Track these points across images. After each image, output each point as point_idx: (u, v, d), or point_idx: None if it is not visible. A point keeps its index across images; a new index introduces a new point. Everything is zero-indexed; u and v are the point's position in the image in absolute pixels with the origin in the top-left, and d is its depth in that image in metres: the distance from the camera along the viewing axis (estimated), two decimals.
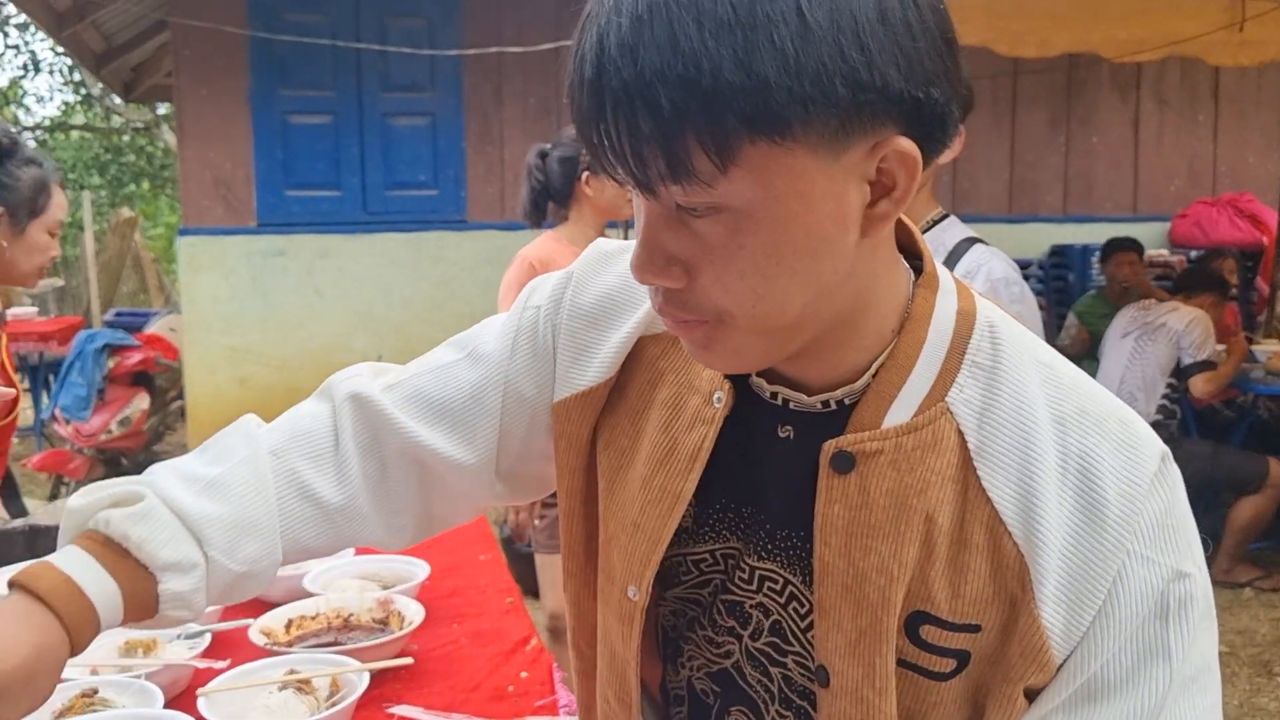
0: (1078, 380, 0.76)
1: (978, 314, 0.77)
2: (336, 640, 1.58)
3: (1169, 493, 0.73)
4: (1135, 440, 0.74)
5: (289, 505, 0.89)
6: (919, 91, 0.65)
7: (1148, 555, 0.71)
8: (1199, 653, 0.72)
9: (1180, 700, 0.71)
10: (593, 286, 0.91)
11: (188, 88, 6.03)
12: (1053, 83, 7.11)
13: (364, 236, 6.26)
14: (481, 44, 5.91)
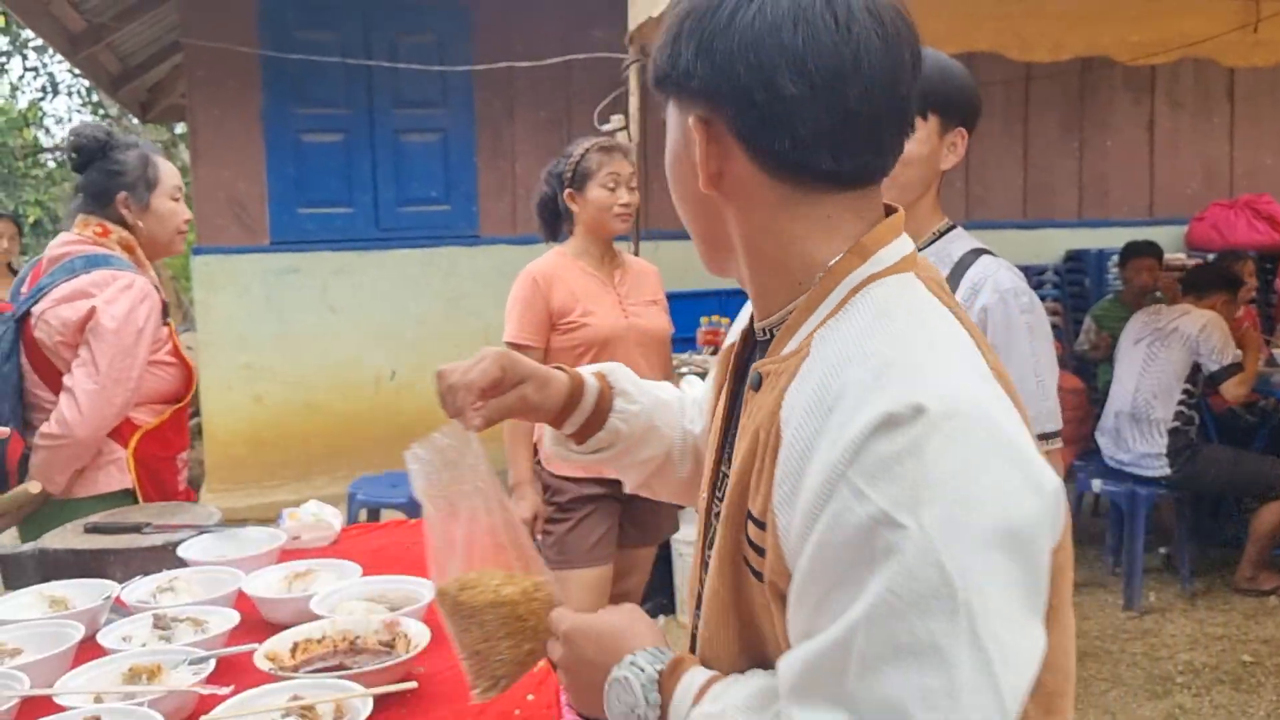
0: (902, 331, 0.83)
1: (885, 278, 0.88)
2: (342, 664, 1.57)
3: (916, 443, 0.75)
4: (897, 383, 0.78)
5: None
6: (725, 85, 0.86)
7: (861, 489, 0.75)
8: (915, 621, 0.72)
9: (885, 662, 0.73)
10: None
11: (201, 108, 6.08)
12: (1065, 86, 7.07)
13: (377, 253, 6.28)
14: (492, 59, 5.93)
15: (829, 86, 0.84)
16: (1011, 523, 0.75)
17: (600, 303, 2.91)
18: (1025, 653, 0.77)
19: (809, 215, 0.90)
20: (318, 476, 6.10)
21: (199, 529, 2.17)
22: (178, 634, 1.66)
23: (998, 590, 0.74)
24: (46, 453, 2.33)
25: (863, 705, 0.74)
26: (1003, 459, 0.77)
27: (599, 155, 2.91)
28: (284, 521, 2.32)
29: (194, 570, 1.96)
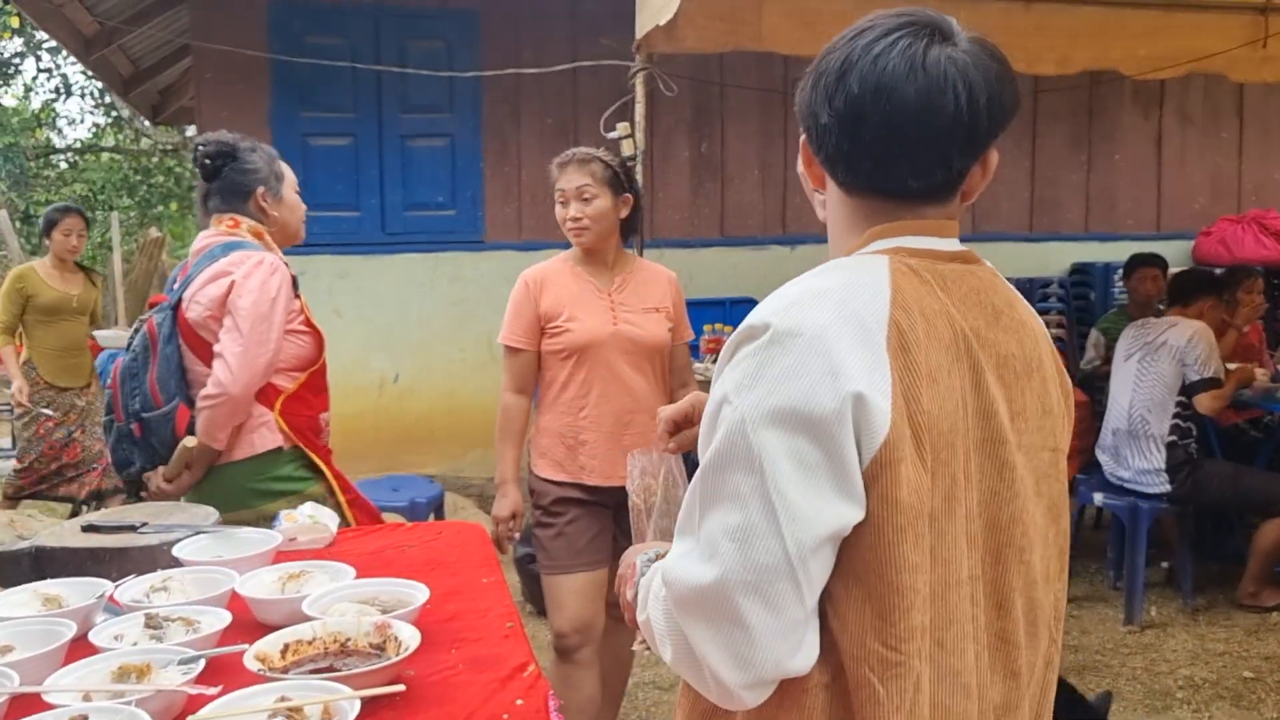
0: (809, 280, 1.10)
1: (857, 255, 1.16)
2: (332, 666, 1.57)
3: (757, 349, 1.05)
4: (767, 308, 1.07)
5: None
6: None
7: (723, 374, 1.08)
8: (727, 475, 1.03)
9: (709, 504, 1.04)
10: None
11: (209, 110, 6.10)
12: (1074, 100, 7.07)
13: (383, 257, 6.29)
14: (499, 66, 5.94)
15: (849, 121, 1.11)
16: (812, 414, 1.00)
17: (588, 309, 2.87)
18: (815, 515, 1.01)
19: (854, 213, 1.19)
20: None
21: (195, 529, 2.18)
22: (169, 633, 1.66)
23: (789, 461, 1.00)
24: (208, 412, 2.60)
25: (700, 535, 1.05)
26: (818, 370, 1.01)
27: (555, 171, 2.90)
28: (280, 523, 2.32)
29: (188, 570, 1.97)
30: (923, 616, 1.05)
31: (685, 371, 3.08)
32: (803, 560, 1.01)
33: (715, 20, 4.41)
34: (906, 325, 1.07)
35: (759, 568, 1.00)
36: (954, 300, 1.13)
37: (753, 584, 1.00)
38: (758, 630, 1.01)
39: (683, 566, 1.05)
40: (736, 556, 1.00)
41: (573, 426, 2.87)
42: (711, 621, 1.02)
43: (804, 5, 4.54)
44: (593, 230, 2.84)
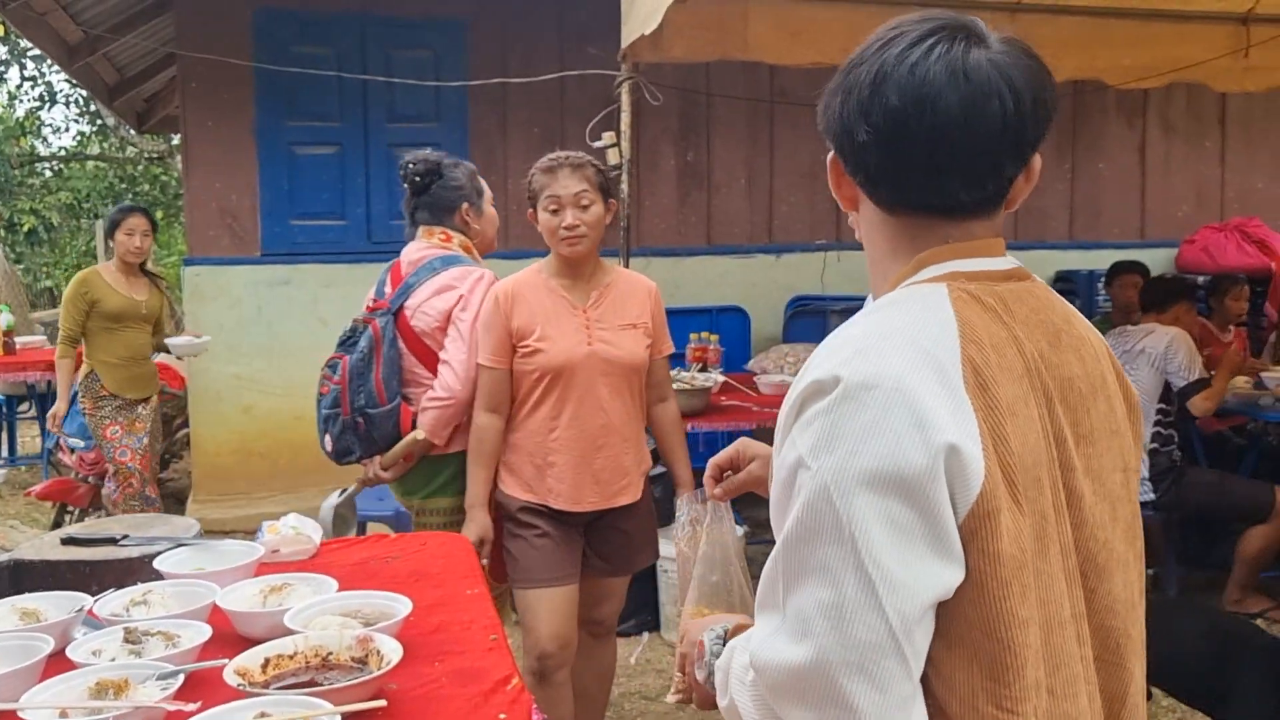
0: (871, 321, 1.05)
1: (921, 285, 1.08)
2: (313, 680, 1.56)
3: (831, 405, 0.97)
4: (833, 358, 1.00)
5: None
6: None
7: (794, 437, 0.99)
8: (814, 546, 0.94)
9: (796, 578, 0.96)
10: None
11: (194, 119, 6.08)
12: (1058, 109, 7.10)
13: (368, 265, 6.24)
14: (486, 75, 5.94)
15: (891, 138, 1.04)
16: (903, 473, 0.93)
17: (562, 327, 2.74)
18: (917, 586, 0.93)
19: (897, 234, 1.12)
20: (306, 489, 6.06)
21: (176, 541, 2.16)
22: (148, 648, 1.65)
23: (882, 527, 0.93)
24: (436, 412, 2.88)
25: (787, 612, 0.97)
26: (901, 422, 0.94)
27: (542, 176, 2.75)
28: (263, 535, 2.31)
29: (169, 583, 1.95)
30: (1036, 672, 1.00)
31: (664, 385, 2.97)
32: (908, 633, 0.93)
33: (701, 30, 4.42)
34: (981, 361, 1.01)
35: (861, 645, 0.92)
36: (1018, 324, 1.07)
37: (856, 663, 0.92)
38: (866, 712, 0.93)
39: (774, 649, 0.97)
40: (834, 635, 0.93)
41: (542, 447, 2.76)
42: (813, 707, 0.95)
43: (790, 15, 4.56)
44: (589, 239, 2.73)
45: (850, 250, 6.96)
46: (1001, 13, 4.76)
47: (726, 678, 1.10)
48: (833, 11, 4.57)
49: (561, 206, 2.70)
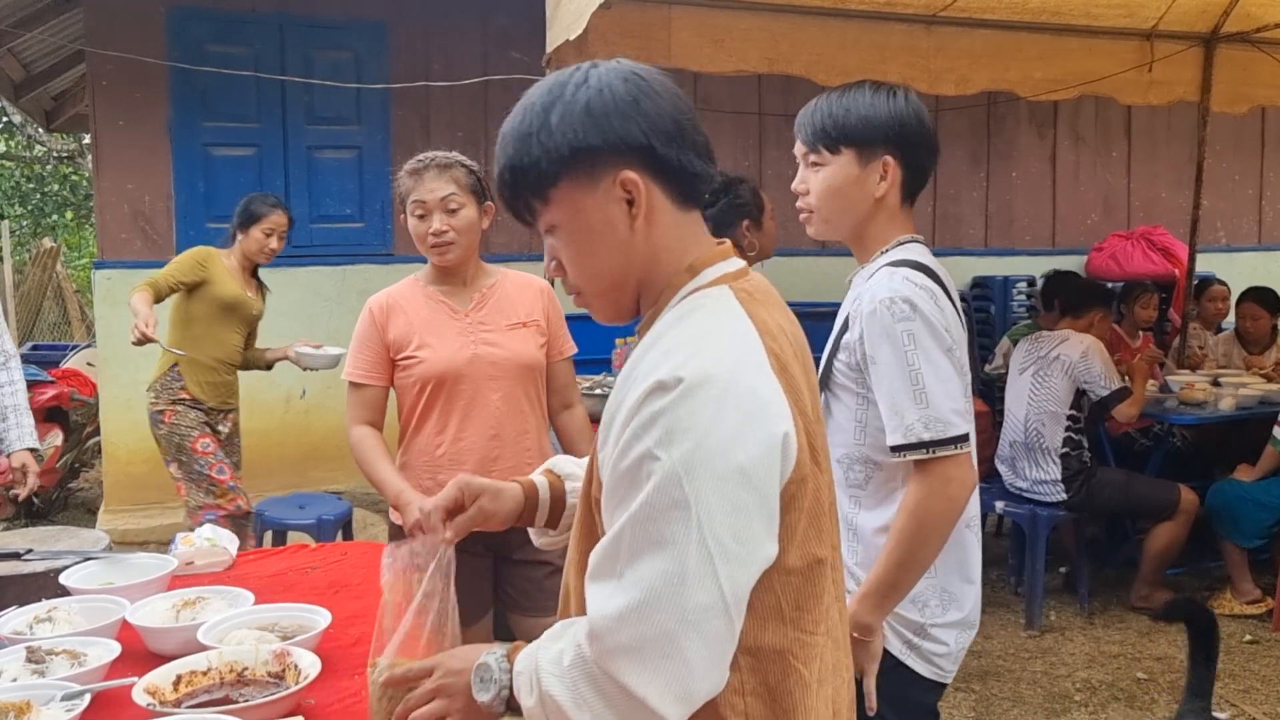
0: (689, 327, 1.14)
1: (703, 289, 1.20)
2: (228, 697, 1.53)
3: (674, 402, 1.06)
4: (671, 361, 1.09)
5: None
6: (642, 138, 1.16)
7: (638, 433, 1.07)
8: (661, 524, 1.04)
9: (641, 550, 1.05)
10: None
11: (105, 118, 5.90)
12: (973, 119, 7.28)
13: (289, 269, 6.14)
14: (409, 78, 5.88)
15: (690, 116, 1.21)
16: (738, 460, 1.06)
17: (441, 334, 2.54)
18: (749, 558, 1.08)
19: (685, 231, 1.23)
20: None
21: (84, 555, 2.10)
22: (53, 667, 1.60)
23: (723, 507, 1.05)
24: None
25: (626, 581, 1.06)
26: (737, 415, 1.07)
27: (407, 179, 2.53)
28: (176, 546, 2.25)
29: (76, 599, 1.89)
30: (827, 598, 1.19)
31: (568, 390, 2.74)
32: (738, 600, 1.07)
33: (625, 37, 4.44)
34: (776, 349, 1.16)
35: (698, 608, 1.04)
36: (772, 309, 1.23)
37: (693, 623, 1.04)
38: (697, 664, 1.05)
39: (617, 613, 1.05)
40: (675, 599, 1.04)
41: (431, 466, 2.52)
42: (649, 662, 1.05)
43: (712, 23, 4.60)
44: (459, 245, 2.51)
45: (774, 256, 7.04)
46: (918, 25, 4.87)
47: (532, 679, 1.15)
48: (754, 20, 4.63)
49: (428, 211, 2.48)
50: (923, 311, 1.77)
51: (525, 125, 1.18)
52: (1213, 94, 5.44)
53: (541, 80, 1.22)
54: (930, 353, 1.75)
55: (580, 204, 1.18)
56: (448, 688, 1.26)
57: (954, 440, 1.72)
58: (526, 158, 1.17)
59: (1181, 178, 7.83)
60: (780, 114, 6.93)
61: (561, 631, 1.19)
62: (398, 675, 1.29)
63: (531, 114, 1.18)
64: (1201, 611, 2.58)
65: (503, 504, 1.47)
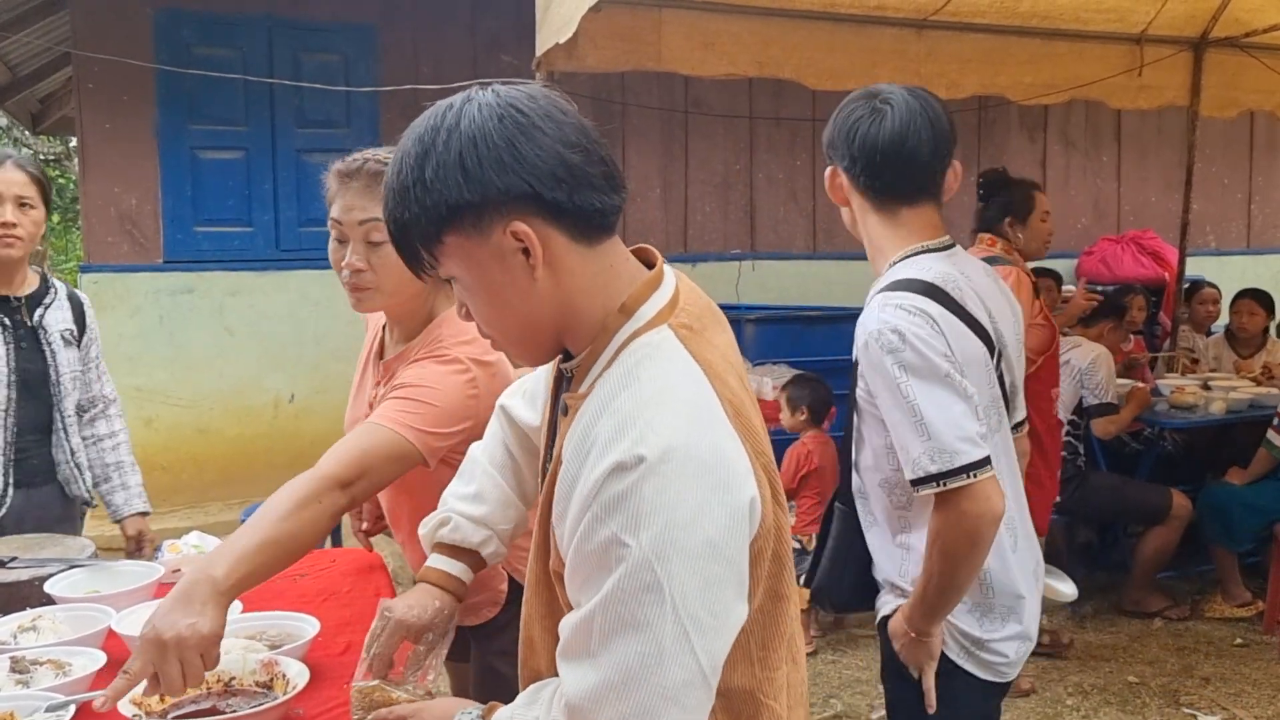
0: (640, 391, 1.08)
1: (643, 335, 1.13)
2: (215, 707, 1.50)
3: (636, 484, 1.02)
4: (628, 438, 1.04)
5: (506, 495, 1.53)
6: (526, 187, 1.07)
7: (601, 517, 1.03)
8: (634, 607, 1.02)
9: (614, 633, 1.03)
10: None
11: (91, 121, 5.86)
12: (963, 123, 7.29)
13: (276, 274, 6.12)
14: (397, 81, 5.85)
15: (587, 148, 1.12)
16: (707, 534, 1.03)
17: (361, 379, 2.10)
18: (723, 627, 1.07)
19: (598, 267, 1.14)
20: (211, 503, 5.89)
21: (69, 563, 2.07)
22: (37, 678, 1.57)
23: (696, 583, 1.02)
24: None
25: (601, 662, 1.04)
26: (702, 488, 1.03)
27: (332, 181, 1.89)
28: (163, 554, 2.23)
29: (61, 608, 1.87)
30: (787, 635, 1.20)
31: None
32: (714, 669, 1.07)
33: (615, 40, 4.42)
34: (728, 393, 1.12)
35: (676, 684, 1.03)
36: (709, 332, 1.18)
37: (672, 698, 1.03)
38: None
39: (593, 695, 1.04)
40: (653, 678, 1.02)
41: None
42: None
43: (702, 26, 4.59)
44: (380, 291, 1.86)
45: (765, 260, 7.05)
46: (908, 29, 4.87)
47: None
48: (745, 24, 4.62)
49: (344, 236, 1.87)
50: (911, 341, 1.69)
51: (401, 180, 1.10)
52: (1202, 98, 5.45)
53: (416, 121, 1.13)
54: (925, 383, 1.68)
55: (472, 257, 1.10)
56: None
57: (965, 469, 1.64)
58: (407, 214, 1.10)
59: (1171, 182, 7.86)
60: (771, 117, 6.94)
61: (534, 696, 1.18)
62: (380, 715, 1.32)
63: (406, 167, 1.10)
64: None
65: (438, 626, 1.46)
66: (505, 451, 1.54)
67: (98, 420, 2.83)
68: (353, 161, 1.86)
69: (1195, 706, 3.75)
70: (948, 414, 1.66)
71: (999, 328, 1.88)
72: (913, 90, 1.88)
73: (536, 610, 1.24)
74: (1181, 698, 3.82)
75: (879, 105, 1.84)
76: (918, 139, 1.82)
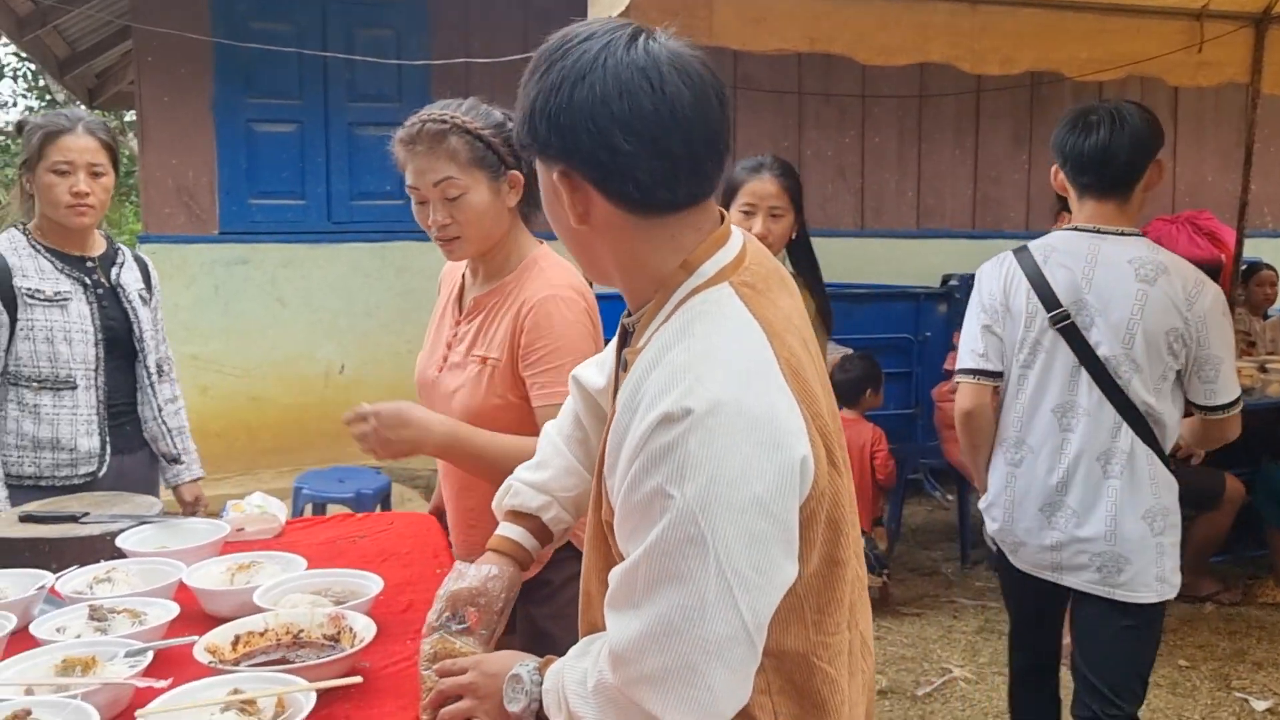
0: (693, 345, 1.08)
1: (702, 291, 1.13)
2: (285, 658, 1.55)
3: (683, 436, 1.02)
4: (677, 390, 1.03)
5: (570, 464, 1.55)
6: (564, 153, 1.10)
7: (648, 468, 1.04)
8: (678, 559, 1.02)
9: (657, 584, 1.04)
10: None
11: (150, 94, 5.96)
12: (1015, 100, 7.19)
13: (329, 246, 6.21)
14: (449, 54, 5.89)
15: (655, 140, 1.08)
16: (754, 490, 1.02)
17: (436, 334, 2.11)
18: (769, 585, 1.06)
19: (657, 236, 1.15)
20: (263, 470, 6.01)
21: (139, 519, 2.13)
22: (114, 625, 1.63)
23: (741, 539, 1.02)
24: None
25: (644, 612, 1.05)
26: (751, 444, 1.03)
27: (399, 149, 1.95)
28: (228, 513, 2.28)
29: (133, 561, 1.93)
30: (847, 601, 1.19)
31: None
32: (759, 627, 1.07)
33: (666, 15, 4.41)
34: (787, 352, 1.11)
35: (719, 638, 1.03)
36: (774, 293, 1.17)
37: (714, 653, 1.03)
38: (720, 690, 1.06)
39: (637, 645, 1.06)
40: (696, 631, 1.03)
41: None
42: (673, 690, 1.05)
43: (754, 1, 4.56)
44: (466, 240, 1.94)
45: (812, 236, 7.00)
46: (962, 3, 4.80)
47: (560, 698, 1.19)
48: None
49: (423, 198, 1.94)
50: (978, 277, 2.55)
51: (520, 87, 1.16)
52: (1263, 76, 5.33)
53: (558, 34, 1.14)
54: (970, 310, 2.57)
55: (543, 179, 1.18)
56: (480, 689, 1.32)
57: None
58: (516, 123, 1.18)
59: (1228, 161, 7.69)
60: (820, 93, 6.89)
61: (585, 648, 1.21)
62: (444, 666, 1.37)
63: (522, 80, 1.15)
64: None
65: (499, 598, 1.48)
66: (574, 422, 1.56)
67: (162, 383, 2.87)
68: (411, 127, 1.91)
69: (1246, 691, 3.72)
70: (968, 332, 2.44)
71: (1085, 297, 2.30)
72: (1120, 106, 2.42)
73: (594, 564, 1.26)
74: (1233, 682, 3.79)
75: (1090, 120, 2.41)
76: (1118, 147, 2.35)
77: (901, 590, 4.72)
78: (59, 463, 2.55)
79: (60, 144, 2.51)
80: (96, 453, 2.59)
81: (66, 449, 2.55)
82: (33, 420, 2.53)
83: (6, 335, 2.50)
